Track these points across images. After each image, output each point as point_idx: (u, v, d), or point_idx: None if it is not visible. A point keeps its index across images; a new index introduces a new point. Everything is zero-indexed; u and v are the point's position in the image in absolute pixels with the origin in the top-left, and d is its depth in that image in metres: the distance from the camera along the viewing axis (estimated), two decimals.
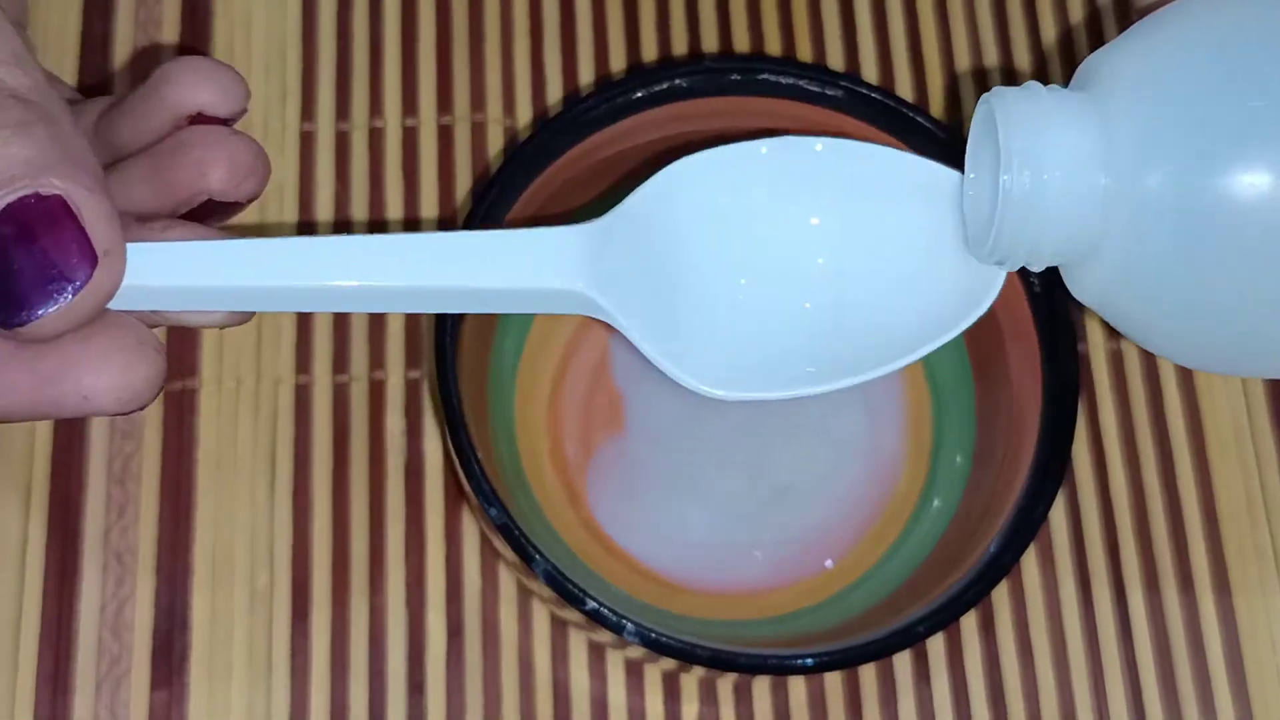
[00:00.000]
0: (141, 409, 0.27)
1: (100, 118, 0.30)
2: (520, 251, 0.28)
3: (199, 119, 0.29)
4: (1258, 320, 0.27)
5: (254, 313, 0.29)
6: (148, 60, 0.45)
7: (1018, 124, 0.27)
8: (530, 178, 0.39)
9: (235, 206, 0.30)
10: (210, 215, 0.30)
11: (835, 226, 0.30)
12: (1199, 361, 0.30)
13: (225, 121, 0.30)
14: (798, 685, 0.41)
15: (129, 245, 0.26)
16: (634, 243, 0.29)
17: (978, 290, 0.30)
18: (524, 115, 0.45)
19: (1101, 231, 0.27)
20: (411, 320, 0.43)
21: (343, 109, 0.45)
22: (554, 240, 0.29)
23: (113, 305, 0.27)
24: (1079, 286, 0.29)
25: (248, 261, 0.28)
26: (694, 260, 0.30)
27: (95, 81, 0.44)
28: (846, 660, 0.36)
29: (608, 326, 0.42)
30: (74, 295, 0.25)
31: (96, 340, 0.26)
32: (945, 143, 0.38)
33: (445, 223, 0.44)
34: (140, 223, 0.28)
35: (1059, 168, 0.27)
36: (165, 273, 0.27)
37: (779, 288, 0.30)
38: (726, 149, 0.30)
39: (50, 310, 0.25)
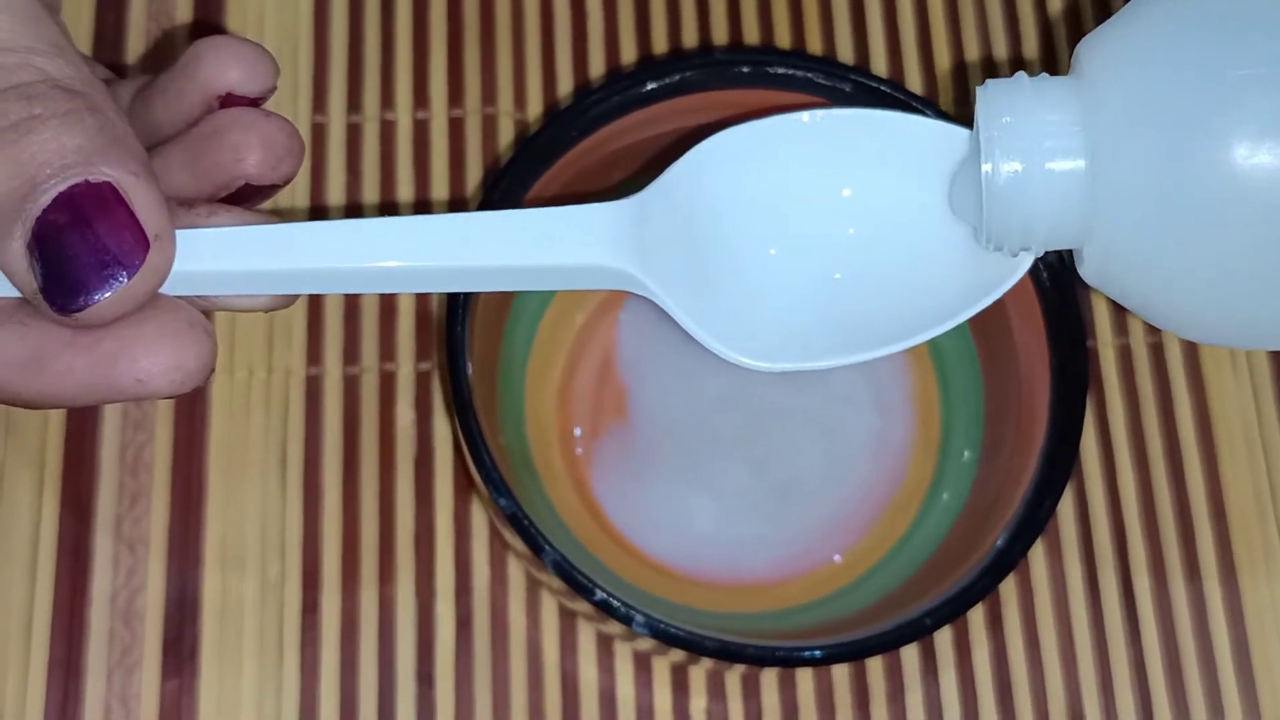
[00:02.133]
0: (193, 390, 0.27)
1: (134, 98, 0.31)
2: (561, 228, 0.29)
3: (230, 98, 0.30)
4: (1245, 292, 0.27)
5: (298, 295, 0.29)
6: (161, 52, 0.45)
7: (997, 114, 0.28)
8: (540, 170, 0.39)
9: (273, 188, 0.30)
10: (249, 198, 0.30)
11: (867, 197, 0.30)
12: (1203, 335, 0.30)
13: (256, 101, 0.30)
14: (805, 679, 0.41)
15: (178, 232, 0.27)
16: (670, 217, 0.30)
17: (1002, 266, 0.30)
18: (535, 108, 0.45)
19: (1090, 215, 0.27)
20: (421, 312, 0.43)
21: (354, 101, 0.45)
22: (593, 216, 0.29)
23: (164, 290, 0.27)
24: (1083, 267, 0.29)
25: (293, 245, 0.28)
26: (729, 233, 0.30)
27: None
28: (854, 652, 0.36)
29: (616, 318, 0.43)
30: (128, 279, 0.26)
31: (149, 324, 0.27)
32: None
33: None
34: (184, 208, 0.29)
35: (1037, 154, 0.27)
36: (214, 257, 0.28)
37: (811, 259, 0.30)
38: (763, 122, 0.30)
39: (106, 295, 0.26)
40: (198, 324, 0.27)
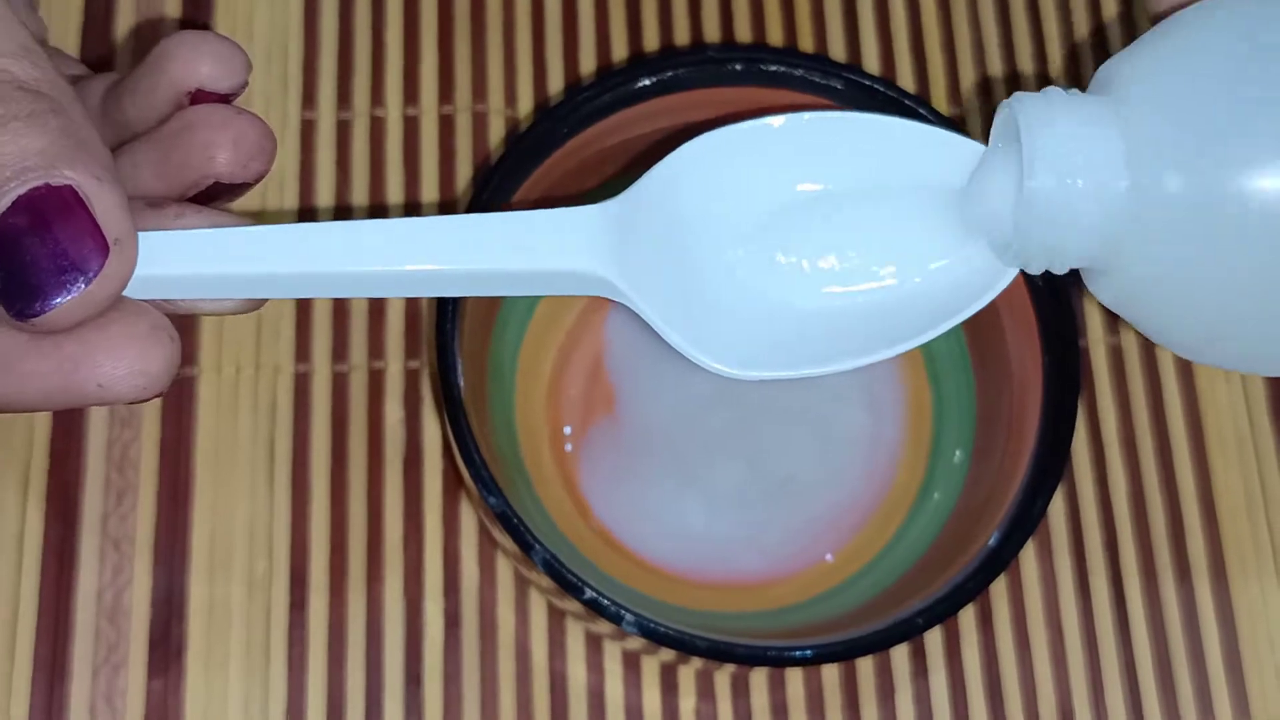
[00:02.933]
0: (157, 396, 0.27)
1: (105, 95, 0.31)
2: (537, 233, 0.28)
3: (200, 95, 0.29)
4: (1275, 318, 0.27)
5: (266, 299, 0.29)
6: (149, 42, 0.45)
7: (1041, 129, 0.27)
8: (531, 167, 0.39)
9: (244, 186, 0.30)
10: (219, 196, 0.30)
11: (850, 201, 0.30)
12: (1224, 361, 0.29)
13: (227, 98, 0.30)
14: (795, 679, 0.41)
15: (141, 234, 0.27)
16: (649, 223, 0.29)
17: (992, 270, 0.29)
18: (525, 105, 0.45)
19: (1123, 235, 0.27)
20: (411, 310, 0.43)
21: (344, 98, 0.45)
22: (569, 220, 0.29)
23: (128, 294, 0.27)
24: (1101, 289, 0.29)
25: (261, 249, 0.28)
26: (709, 238, 0.30)
27: (94, 65, 0.44)
28: (845, 652, 0.36)
29: (606, 317, 0.42)
30: (87, 285, 0.26)
31: (112, 328, 0.26)
32: None
33: (445, 212, 0.44)
34: (152, 208, 0.28)
35: (1082, 172, 0.27)
36: (179, 261, 0.27)
37: (794, 263, 0.30)
38: (739, 127, 0.30)
39: (64, 300, 0.26)
40: (161, 328, 0.27)
